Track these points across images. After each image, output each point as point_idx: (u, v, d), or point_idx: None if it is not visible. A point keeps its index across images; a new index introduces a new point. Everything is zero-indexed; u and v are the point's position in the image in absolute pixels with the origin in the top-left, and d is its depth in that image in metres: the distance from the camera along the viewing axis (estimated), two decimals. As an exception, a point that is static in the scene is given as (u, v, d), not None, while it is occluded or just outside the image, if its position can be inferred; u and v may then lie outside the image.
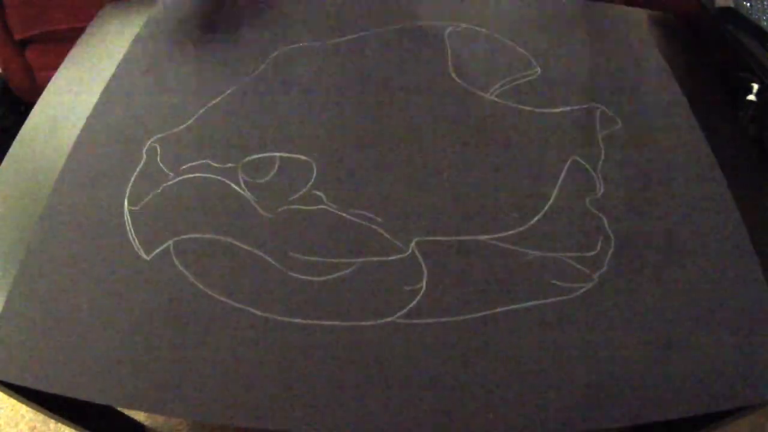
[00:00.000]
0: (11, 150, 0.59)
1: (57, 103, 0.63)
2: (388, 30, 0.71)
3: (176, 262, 0.49)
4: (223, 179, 0.54)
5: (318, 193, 0.53)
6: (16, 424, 0.92)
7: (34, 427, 0.91)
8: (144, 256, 0.49)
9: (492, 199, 0.54)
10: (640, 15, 0.78)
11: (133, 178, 0.54)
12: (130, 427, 0.87)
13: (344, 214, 0.52)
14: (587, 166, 0.58)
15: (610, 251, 0.51)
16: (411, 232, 0.51)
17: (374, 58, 0.67)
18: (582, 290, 0.49)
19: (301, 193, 0.53)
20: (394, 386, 0.43)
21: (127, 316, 0.46)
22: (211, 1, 0.74)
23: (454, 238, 0.51)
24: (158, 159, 0.55)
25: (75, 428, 0.65)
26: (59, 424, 0.63)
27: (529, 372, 0.44)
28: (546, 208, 0.54)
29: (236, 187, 0.54)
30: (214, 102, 0.61)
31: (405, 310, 0.47)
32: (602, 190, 0.55)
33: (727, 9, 0.68)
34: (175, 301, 0.46)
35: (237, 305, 0.46)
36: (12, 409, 0.93)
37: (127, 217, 0.51)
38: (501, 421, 0.42)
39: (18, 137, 0.60)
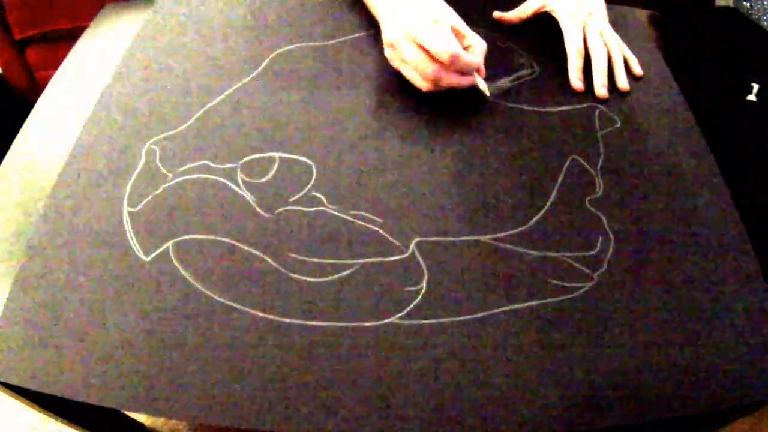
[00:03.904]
0: (11, 150, 0.59)
1: (57, 103, 0.63)
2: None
3: (176, 263, 0.49)
4: (223, 180, 0.54)
5: (317, 194, 0.53)
6: (16, 425, 0.92)
7: (34, 428, 0.91)
8: (143, 257, 0.49)
9: (492, 199, 0.54)
10: (639, 15, 0.78)
11: (132, 180, 0.54)
12: (130, 427, 0.87)
13: (344, 215, 0.52)
14: (587, 165, 0.58)
15: (610, 251, 0.51)
16: (411, 232, 0.51)
17: (374, 58, 0.67)
18: (582, 290, 0.49)
19: (300, 194, 0.53)
20: (395, 387, 0.43)
21: (127, 318, 0.46)
22: (211, 2, 0.74)
23: (454, 238, 0.51)
24: (157, 160, 0.55)
25: (75, 429, 0.65)
26: (59, 424, 0.63)
27: (529, 372, 0.44)
28: (545, 207, 0.54)
29: (235, 188, 0.54)
30: (213, 102, 0.61)
31: (405, 311, 0.47)
32: (601, 190, 0.56)
33: (727, 9, 0.69)
34: (175, 303, 0.46)
35: (237, 306, 0.46)
36: (12, 410, 0.93)
37: (126, 218, 0.51)
38: (501, 421, 0.42)
39: (18, 137, 0.60)
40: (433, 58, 0.56)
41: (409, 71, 0.59)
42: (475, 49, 0.59)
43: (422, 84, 0.59)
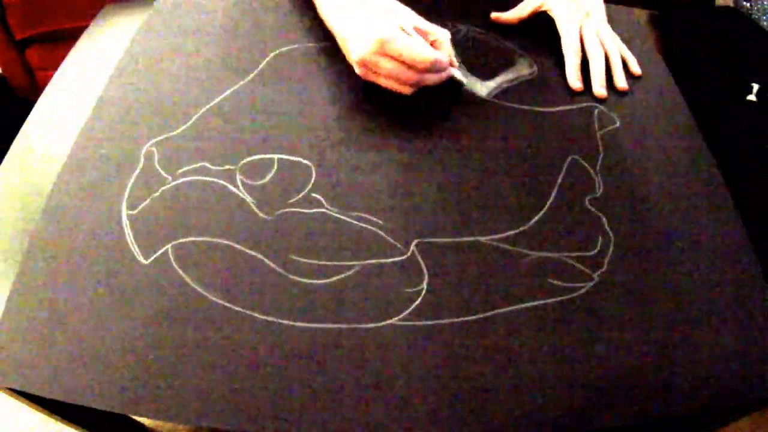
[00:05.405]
0: (11, 150, 0.59)
1: (57, 103, 0.63)
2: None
3: (175, 265, 0.49)
4: (222, 182, 0.54)
5: (317, 195, 0.53)
6: (16, 425, 0.92)
7: (34, 428, 0.91)
8: (142, 260, 0.49)
9: (491, 199, 0.54)
10: (639, 15, 0.78)
11: (131, 182, 0.54)
12: (130, 428, 0.87)
13: (343, 217, 0.52)
14: (586, 165, 0.58)
15: (610, 251, 0.51)
16: (411, 233, 0.51)
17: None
18: (582, 290, 0.49)
19: (300, 195, 0.53)
20: (396, 388, 0.43)
21: (127, 321, 0.45)
22: (210, 3, 0.74)
23: (454, 239, 0.51)
24: (156, 162, 0.55)
25: (75, 429, 0.65)
26: (59, 424, 0.63)
27: (530, 372, 0.44)
28: (545, 208, 0.54)
29: (235, 190, 0.54)
30: (211, 104, 0.61)
31: (406, 312, 0.47)
32: (601, 190, 0.56)
33: (727, 9, 0.69)
34: (175, 305, 0.46)
35: (237, 309, 0.46)
36: (11, 410, 0.93)
37: (125, 221, 0.51)
38: (501, 422, 0.42)
39: (18, 137, 0.60)
40: (409, 66, 0.55)
41: (387, 82, 0.57)
42: (442, 43, 0.58)
43: (403, 90, 0.57)
